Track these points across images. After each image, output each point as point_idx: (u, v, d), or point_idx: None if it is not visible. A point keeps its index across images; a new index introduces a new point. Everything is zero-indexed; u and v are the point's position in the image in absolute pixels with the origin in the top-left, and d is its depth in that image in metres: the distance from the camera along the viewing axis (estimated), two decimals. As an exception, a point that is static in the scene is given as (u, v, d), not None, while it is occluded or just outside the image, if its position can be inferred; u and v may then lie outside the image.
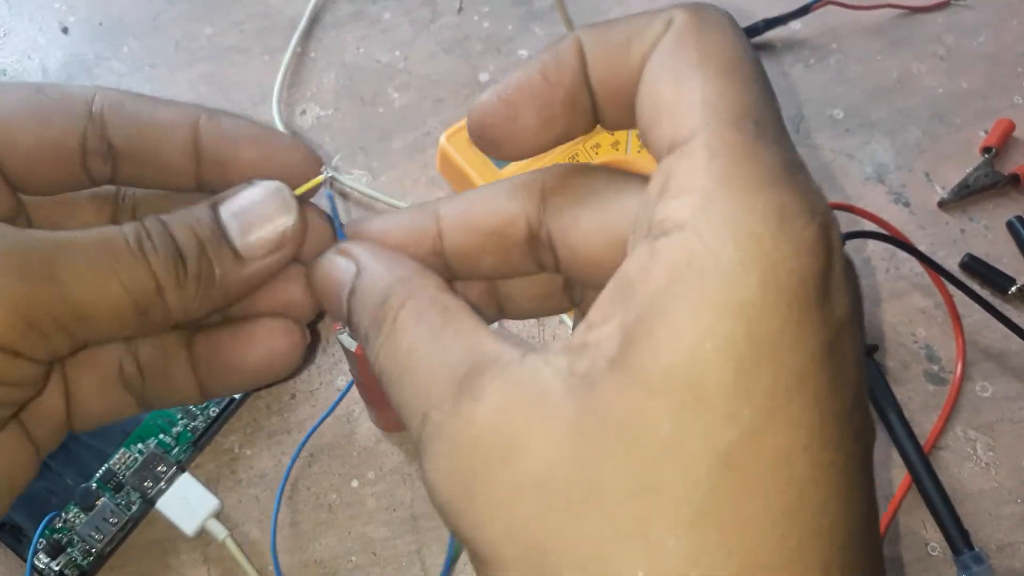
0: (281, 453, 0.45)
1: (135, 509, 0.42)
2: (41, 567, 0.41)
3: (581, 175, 0.22)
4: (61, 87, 0.23)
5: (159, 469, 0.43)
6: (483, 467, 0.17)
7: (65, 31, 0.59)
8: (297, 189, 0.23)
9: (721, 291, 0.16)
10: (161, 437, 0.44)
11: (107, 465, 0.43)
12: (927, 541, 0.44)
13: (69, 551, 0.41)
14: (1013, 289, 0.50)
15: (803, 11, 0.58)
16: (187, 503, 0.42)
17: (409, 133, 0.55)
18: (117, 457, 0.43)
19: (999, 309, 0.48)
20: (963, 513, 0.43)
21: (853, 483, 0.16)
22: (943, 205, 0.53)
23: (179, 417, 0.45)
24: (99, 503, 0.42)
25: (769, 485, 0.15)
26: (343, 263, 0.22)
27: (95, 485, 0.43)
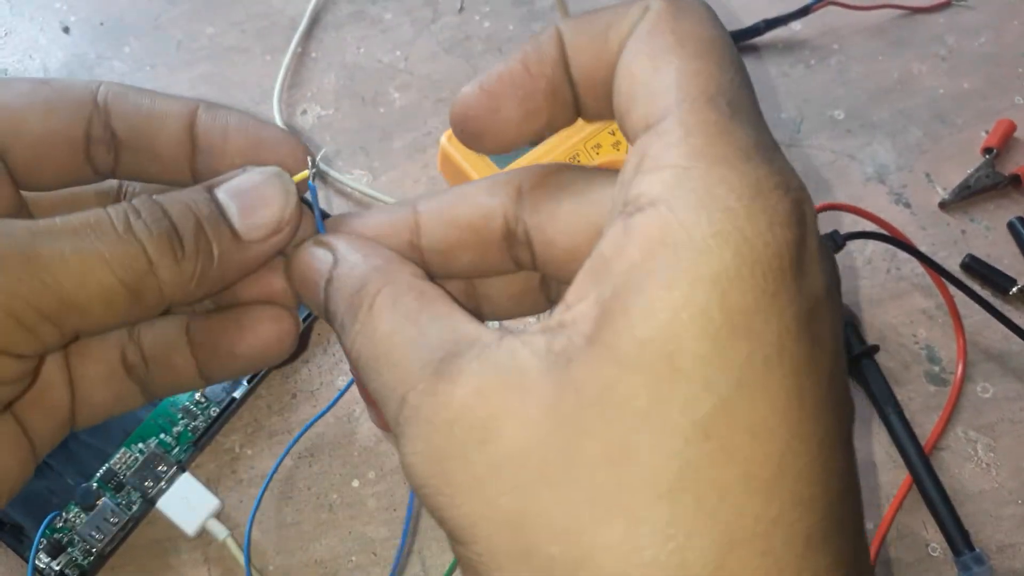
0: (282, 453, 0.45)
1: (136, 509, 0.42)
2: (42, 567, 0.41)
3: (558, 172, 0.22)
4: (67, 79, 0.24)
5: (160, 469, 0.43)
6: (460, 448, 0.17)
7: (66, 31, 0.59)
8: None
9: (695, 264, 0.16)
10: (162, 437, 0.44)
11: (108, 465, 0.43)
12: (927, 542, 0.44)
13: (70, 551, 0.41)
14: (1014, 290, 0.50)
15: (804, 11, 0.58)
16: (188, 503, 0.42)
17: (410, 133, 0.55)
18: (118, 457, 0.43)
19: (1000, 310, 0.48)
20: (964, 514, 0.43)
21: (833, 456, 0.16)
22: (944, 206, 0.53)
23: (180, 417, 0.45)
24: (100, 503, 0.42)
25: (747, 454, 0.16)
26: (321, 253, 0.22)
27: (96, 485, 0.43)
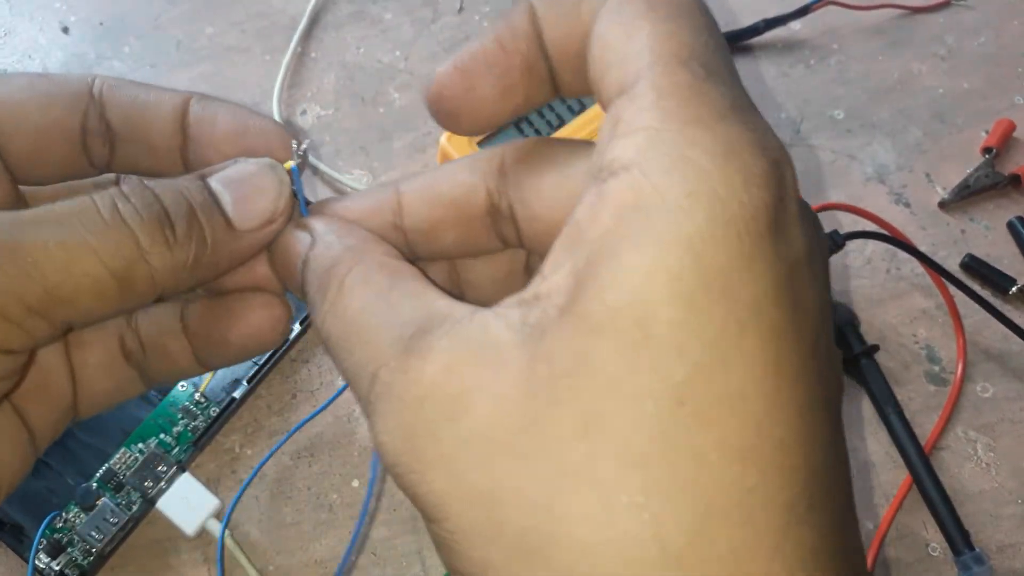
0: (281, 453, 0.45)
1: (135, 509, 0.42)
2: (42, 567, 0.41)
3: (541, 145, 0.22)
4: (63, 73, 0.24)
5: (159, 469, 0.43)
6: (431, 425, 0.17)
7: (66, 31, 0.59)
8: None
9: (668, 227, 0.15)
10: (162, 437, 0.44)
11: (107, 465, 0.43)
12: (927, 541, 0.44)
13: (70, 551, 0.41)
14: (1014, 289, 0.50)
15: (803, 11, 0.58)
16: (187, 503, 0.42)
17: (410, 133, 0.55)
18: (118, 457, 0.43)
19: (1000, 309, 0.48)
20: (963, 514, 0.43)
21: (816, 425, 0.16)
22: (944, 205, 0.53)
23: (180, 417, 0.45)
24: (100, 503, 0.42)
25: (723, 421, 0.15)
26: (300, 235, 0.22)
27: (96, 485, 0.43)
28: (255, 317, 0.24)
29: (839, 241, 0.47)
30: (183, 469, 0.43)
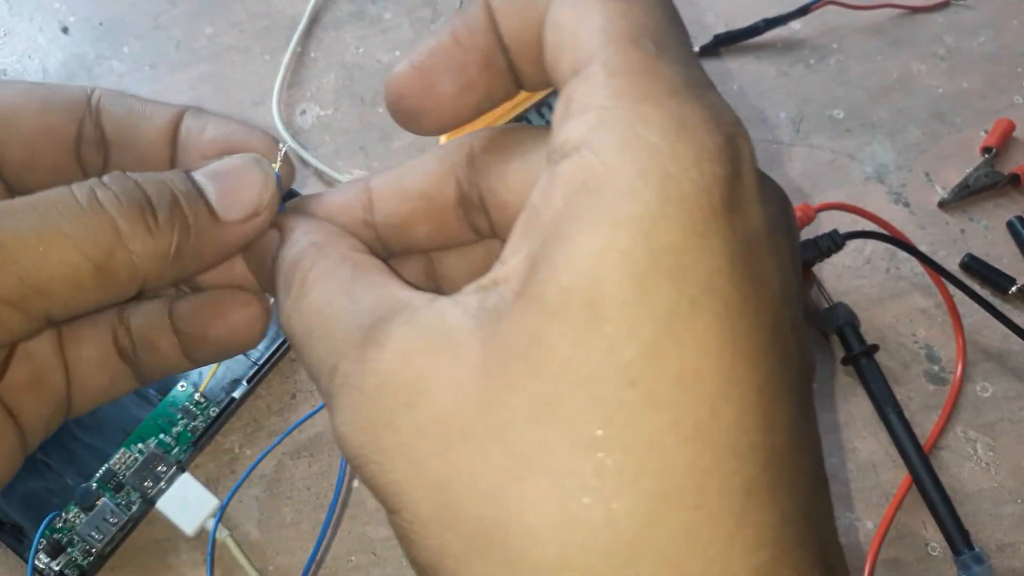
0: (281, 453, 0.45)
1: (135, 509, 0.42)
2: (41, 567, 0.41)
3: (508, 132, 0.21)
4: (61, 84, 0.24)
5: (159, 469, 0.43)
6: (388, 414, 0.16)
7: (65, 31, 0.59)
8: None
9: (618, 206, 0.15)
10: (161, 437, 0.44)
11: (107, 465, 0.43)
12: (927, 541, 0.44)
13: (69, 551, 0.41)
14: (1013, 289, 0.50)
15: (803, 11, 0.58)
16: (187, 503, 0.42)
17: (409, 133, 0.55)
18: (117, 457, 0.43)
19: (999, 309, 0.48)
20: (963, 513, 0.43)
21: (777, 404, 0.15)
22: (943, 205, 0.53)
23: (179, 417, 0.45)
24: (99, 503, 0.42)
25: (676, 401, 0.15)
26: (271, 234, 0.22)
27: (95, 485, 0.43)
28: (232, 316, 0.24)
29: (839, 241, 0.47)
30: (183, 469, 0.43)
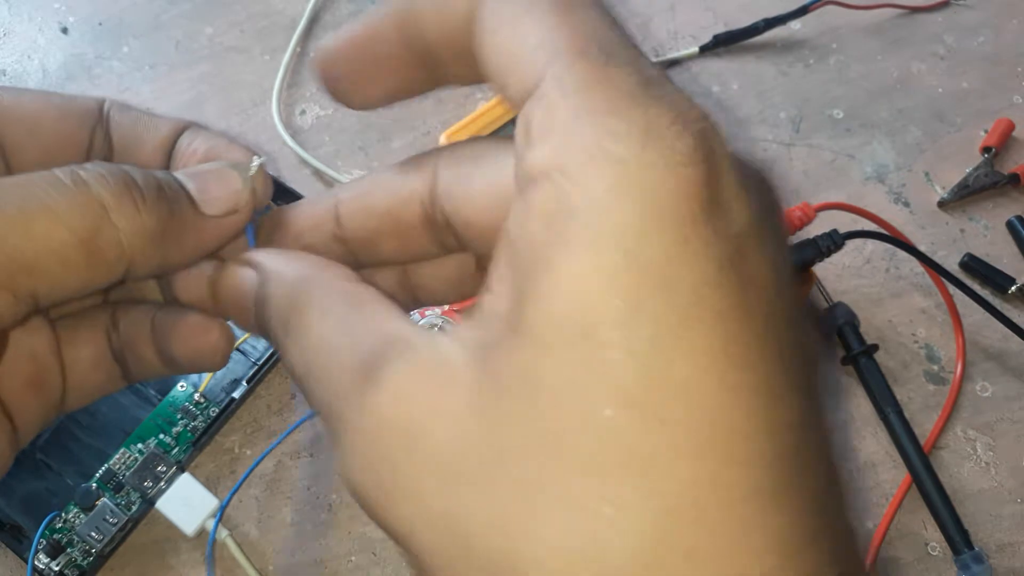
0: (281, 453, 0.45)
1: (135, 509, 0.42)
2: (41, 567, 0.41)
3: (470, 147, 0.21)
4: (78, 94, 0.25)
5: (159, 469, 0.43)
6: (390, 454, 0.16)
7: (65, 31, 0.58)
8: None
9: (597, 227, 0.15)
10: (161, 437, 0.44)
11: (107, 465, 0.43)
12: (927, 541, 0.44)
13: (69, 551, 0.41)
14: (1013, 289, 0.50)
15: (803, 11, 0.58)
16: (187, 503, 0.42)
17: (409, 133, 0.55)
18: (117, 457, 0.43)
19: (999, 309, 0.48)
20: (963, 513, 0.44)
21: (778, 405, 0.15)
22: (943, 205, 0.53)
23: (179, 417, 0.45)
24: (99, 503, 0.42)
25: (673, 416, 0.14)
26: (246, 273, 0.22)
27: (95, 485, 0.43)
28: (194, 341, 0.24)
29: (838, 240, 0.47)
30: (182, 469, 0.43)
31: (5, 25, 0.59)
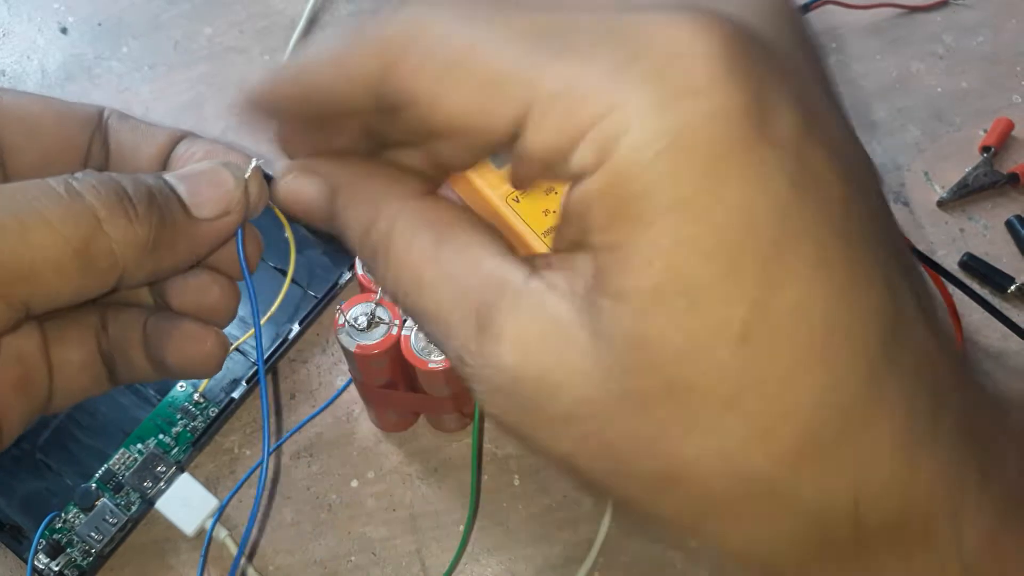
0: (281, 453, 0.45)
1: (135, 509, 0.42)
2: (41, 567, 0.41)
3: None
4: (79, 102, 0.25)
5: (159, 469, 0.43)
6: (528, 404, 0.18)
7: (64, 31, 0.59)
8: None
9: (663, 202, 0.16)
10: (161, 437, 0.44)
11: (107, 465, 0.43)
12: (927, 540, 0.44)
13: (69, 551, 0.41)
14: (1012, 288, 0.50)
15: (803, 11, 0.58)
16: (187, 503, 0.42)
17: (408, 133, 0.55)
18: (117, 457, 0.43)
19: (998, 308, 0.48)
20: (963, 512, 0.43)
21: (881, 294, 0.16)
22: (942, 204, 0.53)
23: (179, 417, 0.45)
24: (99, 503, 0.42)
25: (792, 340, 0.16)
26: (310, 184, 0.21)
27: (95, 485, 0.43)
28: (188, 349, 0.24)
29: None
30: (182, 469, 0.43)
31: (4, 25, 0.59)
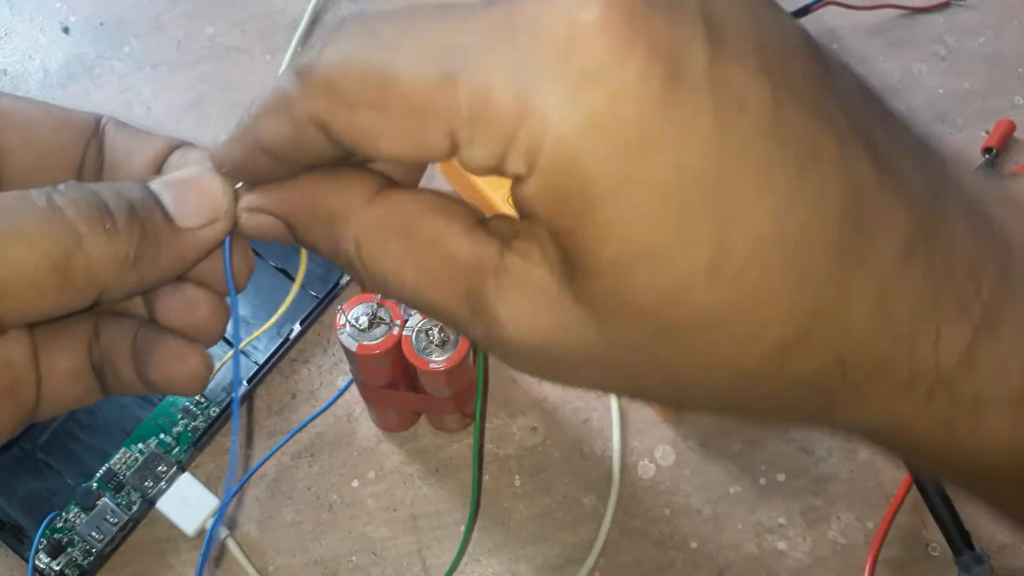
0: (281, 453, 0.45)
1: (135, 509, 0.42)
2: (42, 567, 0.41)
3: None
4: (77, 109, 0.25)
5: (159, 469, 0.43)
6: (541, 364, 0.20)
7: (66, 31, 0.59)
8: None
9: (598, 186, 0.16)
10: (161, 437, 0.44)
11: (107, 465, 0.43)
12: (928, 541, 0.44)
13: (69, 551, 0.41)
14: (1014, 289, 0.50)
15: (803, 12, 0.58)
16: (187, 503, 0.42)
17: (410, 133, 0.55)
18: (118, 457, 0.43)
19: (1000, 309, 0.48)
20: (964, 513, 0.43)
21: (824, 175, 0.18)
22: (944, 205, 0.53)
23: (180, 417, 0.45)
24: (99, 503, 0.42)
25: (756, 263, 0.17)
26: (267, 220, 0.22)
27: (96, 485, 0.43)
28: (172, 367, 0.24)
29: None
30: (183, 469, 0.43)
31: (6, 25, 0.59)
